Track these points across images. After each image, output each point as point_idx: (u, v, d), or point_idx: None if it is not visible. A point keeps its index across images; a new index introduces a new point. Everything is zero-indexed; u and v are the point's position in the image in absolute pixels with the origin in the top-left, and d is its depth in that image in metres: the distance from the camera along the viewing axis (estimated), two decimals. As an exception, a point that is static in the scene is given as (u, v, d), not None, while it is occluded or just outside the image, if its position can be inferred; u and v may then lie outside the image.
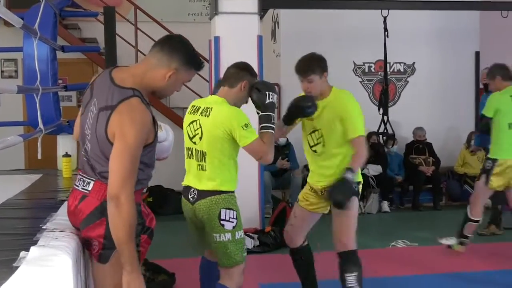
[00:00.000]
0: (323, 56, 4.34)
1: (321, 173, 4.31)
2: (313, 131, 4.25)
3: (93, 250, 2.77)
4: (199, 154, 3.71)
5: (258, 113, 3.78)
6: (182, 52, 2.81)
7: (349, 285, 4.17)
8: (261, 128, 3.66)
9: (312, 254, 4.69)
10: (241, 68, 3.88)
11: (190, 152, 3.80)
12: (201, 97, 9.37)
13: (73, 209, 2.83)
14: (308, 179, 4.49)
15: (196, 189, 3.73)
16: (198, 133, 3.72)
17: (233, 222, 3.68)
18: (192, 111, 3.83)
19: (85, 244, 2.85)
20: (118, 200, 2.59)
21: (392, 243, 6.48)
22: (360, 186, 4.27)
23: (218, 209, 3.65)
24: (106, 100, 2.70)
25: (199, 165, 3.72)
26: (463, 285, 5.28)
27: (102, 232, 2.71)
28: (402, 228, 4.20)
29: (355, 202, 4.20)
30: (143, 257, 2.90)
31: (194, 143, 3.75)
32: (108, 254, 2.74)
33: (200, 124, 3.72)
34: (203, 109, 3.76)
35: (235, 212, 3.70)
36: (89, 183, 2.79)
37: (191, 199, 3.75)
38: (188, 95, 9.25)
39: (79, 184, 2.84)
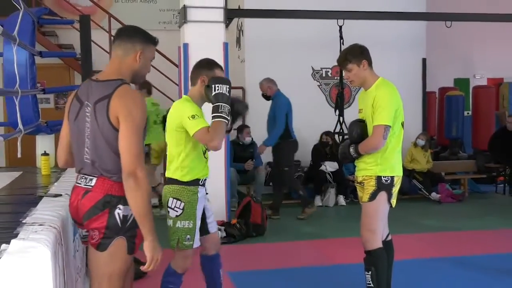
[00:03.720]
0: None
1: (363, 160, 4.13)
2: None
3: (92, 240, 2.81)
4: (167, 145, 3.82)
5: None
6: (138, 35, 2.95)
7: (367, 282, 4.12)
8: (212, 118, 3.61)
9: (388, 252, 4.28)
10: (197, 66, 3.90)
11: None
12: (172, 100, 9.37)
13: (75, 205, 2.86)
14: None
15: None
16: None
17: (177, 211, 3.72)
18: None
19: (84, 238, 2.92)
20: (135, 175, 2.67)
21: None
22: (395, 181, 4.07)
23: (167, 197, 3.74)
24: (99, 94, 2.78)
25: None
26: (413, 270, 5.37)
27: (105, 222, 2.76)
28: (356, 219, 4.26)
29: (381, 195, 4.05)
30: (137, 249, 2.91)
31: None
32: (107, 243, 2.78)
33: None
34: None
35: (182, 203, 3.71)
36: (91, 179, 2.81)
37: None
38: (159, 98, 9.22)
39: (81, 181, 2.86)
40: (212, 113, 3.60)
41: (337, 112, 9.02)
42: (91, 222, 2.79)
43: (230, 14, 7.84)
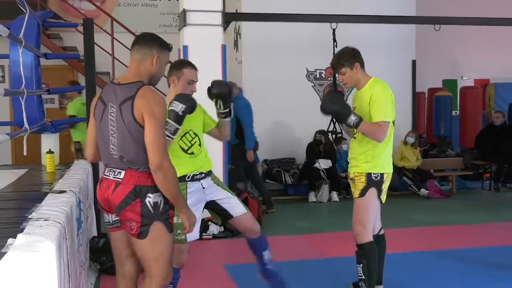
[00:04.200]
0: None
1: (355, 157, 4.15)
2: None
3: (132, 231, 2.95)
4: None
5: None
6: (155, 41, 3.08)
7: (358, 274, 4.15)
8: None
9: (380, 245, 4.32)
10: (170, 66, 3.90)
11: None
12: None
13: (106, 197, 2.98)
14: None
15: None
16: None
17: None
18: None
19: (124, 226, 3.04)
20: (162, 166, 2.84)
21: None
22: (385, 178, 4.10)
23: None
24: (123, 96, 2.92)
25: None
26: (404, 263, 5.38)
27: (139, 211, 2.90)
28: (348, 215, 4.27)
29: (370, 191, 4.07)
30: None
31: None
32: (146, 230, 2.93)
33: None
34: None
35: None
36: (120, 172, 2.95)
37: None
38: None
39: (109, 174, 2.99)
40: None
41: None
42: (125, 212, 2.92)
43: (228, 18, 7.84)
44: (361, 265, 4.10)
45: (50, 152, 5.18)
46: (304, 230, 7.02)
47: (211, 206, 3.97)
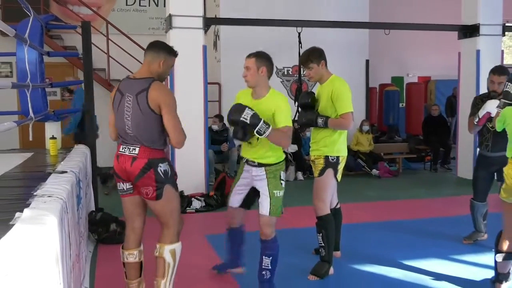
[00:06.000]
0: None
1: (316, 142, 4.19)
2: (317, 109, 4.19)
3: (149, 194, 3.20)
4: None
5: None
6: (163, 48, 3.30)
7: (319, 242, 4.18)
8: None
9: (337, 217, 4.40)
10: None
11: None
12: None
13: (124, 168, 3.21)
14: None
15: None
16: None
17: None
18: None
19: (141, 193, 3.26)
20: (183, 144, 3.21)
21: None
22: (341, 160, 4.12)
23: None
24: (139, 88, 3.15)
25: None
26: (358, 232, 5.45)
27: (153, 177, 3.17)
28: (311, 192, 4.31)
29: (328, 171, 4.10)
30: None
31: None
32: (161, 192, 3.20)
33: None
34: None
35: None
36: (134, 149, 3.18)
37: None
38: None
39: (125, 150, 3.21)
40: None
41: (296, 103, 9.06)
42: (143, 180, 3.17)
43: (208, 22, 7.79)
44: (321, 234, 4.15)
45: (53, 138, 5.11)
46: (273, 205, 7.04)
47: (256, 192, 3.81)
